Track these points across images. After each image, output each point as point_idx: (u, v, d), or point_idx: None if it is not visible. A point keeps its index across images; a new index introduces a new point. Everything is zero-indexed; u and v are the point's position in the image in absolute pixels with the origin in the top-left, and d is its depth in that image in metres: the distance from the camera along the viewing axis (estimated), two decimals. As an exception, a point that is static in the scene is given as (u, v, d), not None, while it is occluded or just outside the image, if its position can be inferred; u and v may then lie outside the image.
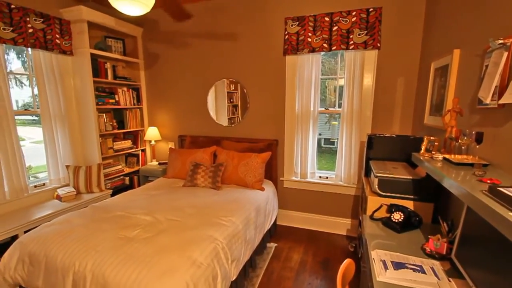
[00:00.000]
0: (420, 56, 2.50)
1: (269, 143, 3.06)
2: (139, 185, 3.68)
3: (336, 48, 2.66)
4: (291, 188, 3.16)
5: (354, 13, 2.56)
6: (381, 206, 1.77)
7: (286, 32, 2.84)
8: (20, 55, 3.01)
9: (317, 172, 3.12)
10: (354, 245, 2.69)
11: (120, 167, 3.50)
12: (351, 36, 2.60)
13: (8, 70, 2.47)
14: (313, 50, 2.75)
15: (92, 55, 2.96)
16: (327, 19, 2.65)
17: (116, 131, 3.39)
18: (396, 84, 2.62)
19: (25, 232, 2.23)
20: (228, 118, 3.37)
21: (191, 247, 1.59)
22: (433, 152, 1.45)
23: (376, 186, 1.80)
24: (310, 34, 2.74)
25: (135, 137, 3.72)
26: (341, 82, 2.87)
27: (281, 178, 3.18)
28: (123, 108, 3.49)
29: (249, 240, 2.10)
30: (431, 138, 1.50)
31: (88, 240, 1.65)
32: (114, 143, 3.41)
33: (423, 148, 1.52)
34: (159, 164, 3.69)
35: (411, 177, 1.72)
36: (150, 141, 3.74)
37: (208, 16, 3.20)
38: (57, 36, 2.79)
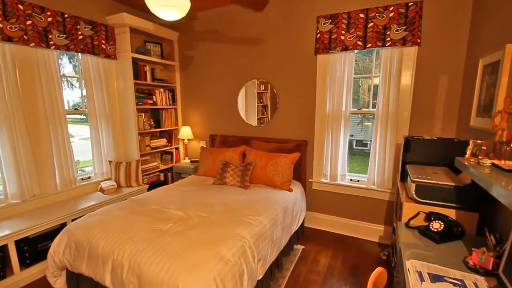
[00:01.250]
0: (466, 52, 2.29)
1: (298, 143, 3.02)
2: (172, 181, 3.86)
3: (371, 45, 2.55)
4: (320, 190, 3.10)
5: (391, 8, 2.43)
6: (418, 213, 1.65)
7: (318, 31, 2.79)
8: (71, 60, 3.33)
9: (348, 174, 3.01)
10: (387, 253, 2.55)
11: (156, 163, 3.71)
12: (388, 33, 2.47)
13: (61, 74, 2.75)
14: (346, 49, 2.66)
15: (133, 58, 3.18)
16: (362, 15, 2.55)
17: (153, 129, 3.60)
18: (438, 82, 2.43)
19: (73, 220, 2.47)
20: (258, 118, 3.39)
21: (219, 243, 1.63)
22: (480, 157, 1.32)
23: (413, 192, 1.69)
24: (343, 32, 2.65)
25: (170, 135, 3.91)
26: (376, 81, 2.74)
27: (309, 180, 3.12)
28: (160, 108, 3.69)
29: (276, 241, 2.10)
30: (478, 141, 1.37)
31: (126, 231, 1.78)
32: (151, 141, 3.63)
33: (468, 152, 1.39)
34: (191, 162, 3.84)
35: (453, 184, 1.58)
36: (183, 140, 3.91)
37: (240, 18, 3.26)
38: (103, 41, 3.04)
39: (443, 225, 1.44)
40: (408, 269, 1.18)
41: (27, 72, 2.48)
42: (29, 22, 2.39)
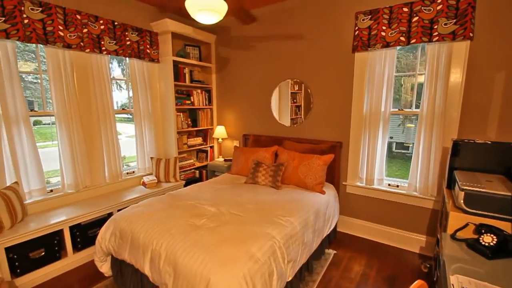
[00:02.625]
0: (532, 45, 2.02)
1: (332, 145, 2.93)
2: (207, 179, 4.01)
3: (415, 41, 2.38)
4: (354, 194, 2.97)
5: (439, 1, 2.24)
6: (466, 224, 1.51)
7: (357, 28, 2.68)
8: (120, 64, 3.64)
9: (386, 179, 2.85)
10: (428, 265, 2.36)
11: (192, 161, 3.89)
12: (435, 27, 2.28)
13: (111, 77, 3.02)
14: (387, 45, 2.51)
15: (174, 61, 3.38)
16: (405, 9, 2.39)
17: (190, 128, 3.78)
18: (493, 80, 2.18)
19: (118, 210, 2.70)
20: (291, 119, 3.37)
21: (249, 241, 1.66)
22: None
23: (462, 201, 1.54)
24: (384, 28, 2.51)
25: (205, 134, 4.07)
26: (421, 79, 2.55)
27: (343, 183, 3.01)
28: (197, 108, 3.86)
29: (307, 243, 2.07)
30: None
31: (164, 223, 1.90)
32: (188, 139, 3.82)
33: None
34: (225, 160, 3.95)
35: (510, 194, 1.41)
36: (218, 139, 4.04)
37: (274, 19, 3.27)
38: (148, 46, 3.27)
39: (496, 239, 1.30)
40: (453, 285, 1.08)
41: (83, 76, 2.77)
42: (85, 30, 2.67)
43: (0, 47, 2.19)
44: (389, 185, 2.81)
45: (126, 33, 3.04)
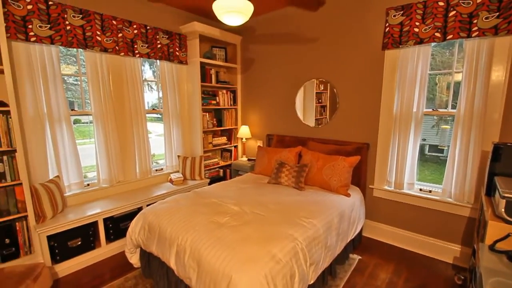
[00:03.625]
0: None
1: (359, 146, 2.84)
2: (230, 178, 4.08)
3: (452, 37, 2.23)
4: (382, 198, 2.85)
5: (481, -7, 2.07)
6: (508, 235, 1.39)
7: (387, 24, 2.57)
8: (151, 66, 3.82)
9: (417, 183, 2.70)
10: (463, 277, 2.19)
11: (216, 160, 3.98)
12: (475, 21, 2.11)
13: (143, 78, 3.18)
14: (420, 42, 2.38)
15: (201, 63, 3.48)
16: (441, 3, 2.25)
17: (215, 128, 3.87)
18: (545, 78, 1.97)
19: (147, 205, 2.84)
20: (315, 119, 3.31)
21: (271, 242, 1.66)
22: None
23: (503, 210, 1.42)
24: (417, 24, 2.38)
25: (230, 134, 4.14)
26: (458, 77, 2.38)
27: (370, 186, 2.90)
28: (222, 108, 3.94)
29: (330, 247, 2.02)
30: None
31: (189, 219, 1.96)
32: (213, 139, 3.91)
33: None
34: (248, 160, 3.99)
35: (562, 204, 1.28)
36: (242, 139, 4.09)
37: (300, 17, 3.23)
38: (177, 49, 3.40)
39: (543, 254, 1.18)
40: (490, 300, 1.00)
41: (117, 78, 2.95)
42: (120, 35, 2.84)
43: (46, 52, 2.40)
44: (420, 190, 2.66)
45: (157, 37, 3.18)
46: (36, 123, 2.40)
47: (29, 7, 2.24)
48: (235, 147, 4.22)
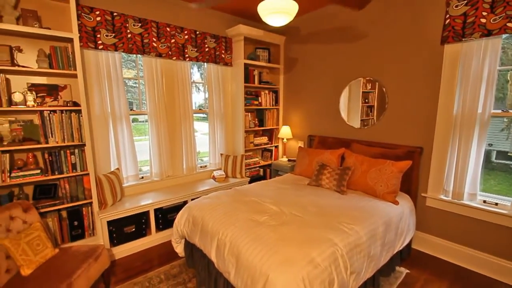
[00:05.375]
0: None
1: (410, 150, 2.62)
2: (270, 177, 4.11)
3: (531, 27, 1.91)
4: (436, 208, 2.58)
5: None
6: None
7: (448, 16, 2.32)
8: (199, 69, 4.05)
9: (480, 194, 2.38)
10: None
11: (257, 159, 4.04)
12: None
13: (191, 80, 3.39)
14: (488, 34, 2.10)
15: (245, 64, 3.57)
16: (518, -11, 1.95)
17: (257, 128, 3.93)
18: None
19: (192, 199, 3.02)
20: (361, 120, 3.14)
21: (309, 245, 1.64)
22: None
23: None
24: (484, 14, 2.10)
25: (271, 134, 4.17)
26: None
27: (423, 194, 2.65)
28: (264, 108, 3.99)
29: (373, 256, 1.91)
30: None
31: (229, 216, 2.04)
32: (255, 138, 3.98)
33: None
34: (288, 160, 3.97)
35: None
36: (283, 139, 4.08)
37: (345, 14, 3.10)
38: (223, 51, 3.55)
39: None
40: None
41: (169, 80, 3.19)
42: (173, 41, 3.07)
43: (110, 58, 2.72)
44: (484, 202, 2.35)
45: (205, 41, 3.36)
46: (101, 121, 2.73)
47: (98, 18, 2.55)
48: (276, 147, 4.23)
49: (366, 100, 3.10)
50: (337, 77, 3.34)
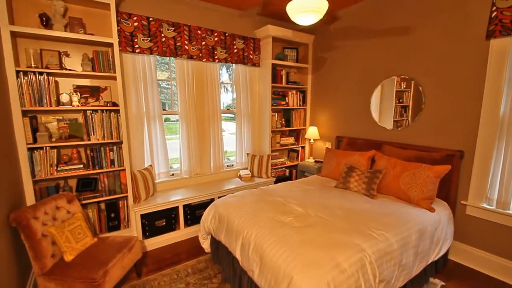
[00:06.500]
0: None
1: (449, 154, 2.44)
2: (296, 178, 4.07)
3: None
4: (478, 217, 2.38)
5: None
6: None
7: (494, 8, 2.12)
8: (227, 69, 4.13)
9: (532, 204, 2.15)
10: None
11: (283, 159, 4.02)
12: None
13: (220, 81, 3.47)
14: (545, 28, 1.89)
15: (272, 64, 3.57)
16: None
17: (283, 128, 3.91)
18: None
19: (219, 197, 3.09)
20: (394, 121, 2.99)
21: (336, 249, 1.60)
22: None
23: None
24: (541, 5, 1.89)
25: (298, 134, 4.12)
26: None
27: (462, 202, 2.46)
28: (291, 108, 3.96)
29: (405, 266, 1.81)
30: None
31: (255, 215, 2.06)
32: (281, 138, 3.96)
33: None
34: (315, 162, 3.89)
35: None
36: (310, 140, 4.01)
37: (378, 10, 2.96)
38: (251, 52, 3.58)
39: None
40: None
41: (199, 81, 3.29)
42: (203, 43, 3.16)
43: (146, 61, 2.87)
44: (536, 213, 2.12)
45: (234, 42, 3.41)
46: (137, 121, 2.90)
47: (135, 24, 2.71)
48: (302, 147, 4.17)
49: (400, 100, 2.94)
50: (368, 75, 3.21)
